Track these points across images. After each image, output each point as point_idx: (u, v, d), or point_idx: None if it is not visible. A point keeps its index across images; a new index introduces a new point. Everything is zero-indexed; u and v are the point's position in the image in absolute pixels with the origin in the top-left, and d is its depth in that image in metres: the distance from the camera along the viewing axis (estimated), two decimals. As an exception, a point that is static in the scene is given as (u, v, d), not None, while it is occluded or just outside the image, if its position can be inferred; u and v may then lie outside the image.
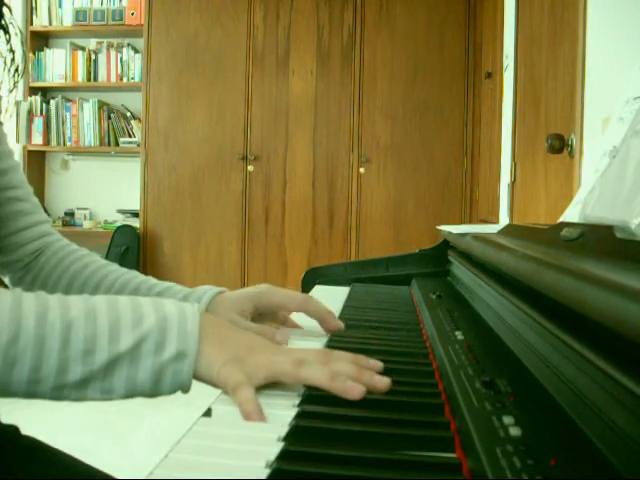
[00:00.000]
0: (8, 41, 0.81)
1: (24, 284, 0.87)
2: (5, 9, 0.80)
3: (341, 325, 0.77)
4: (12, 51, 0.82)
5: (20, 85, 4.27)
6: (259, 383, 0.53)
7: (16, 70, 0.83)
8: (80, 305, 0.53)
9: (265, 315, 0.81)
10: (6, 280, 0.88)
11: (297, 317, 0.83)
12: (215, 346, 0.55)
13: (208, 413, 0.49)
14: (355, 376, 0.53)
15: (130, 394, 0.53)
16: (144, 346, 0.52)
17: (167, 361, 0.52)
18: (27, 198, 0.88)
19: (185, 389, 0.54)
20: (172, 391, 0.54)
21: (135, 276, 0.85)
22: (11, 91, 0.82)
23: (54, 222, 4.26)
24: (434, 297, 0.94)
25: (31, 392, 0.51)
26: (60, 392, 0.51)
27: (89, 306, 0.53)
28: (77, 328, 0.51)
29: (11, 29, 0.81)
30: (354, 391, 0.50)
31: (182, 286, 0.83)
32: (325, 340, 0.73)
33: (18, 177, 0.86)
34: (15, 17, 0.81)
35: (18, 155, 4.23)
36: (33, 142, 4.25)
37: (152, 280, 0.84)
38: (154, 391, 0.53)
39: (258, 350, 0.56)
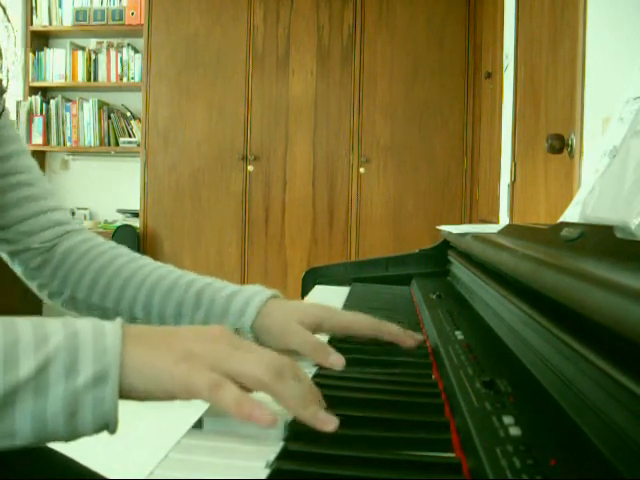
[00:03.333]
0: None
1: (42, 277, 0.80)
2: None
3: (420, 337, 0.69)
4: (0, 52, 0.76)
5: (20, 85, 4.27)
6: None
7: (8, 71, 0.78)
8: None
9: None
10: (18, 272, 0.81)
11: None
12: (152, 349, 0.45)
13: (208, 413, 0.49)
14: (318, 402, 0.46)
15: (40, 436, 0.42)
16: (52, 370, 0.41)
17: (83, 387, 0.42)
18: (34, 183, 0.81)
19: (110, 423, 0.43)
20: (95, 427, 0.43)
21: (170, 271, 0.76)
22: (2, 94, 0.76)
23: (54, 222, 4.26)
24: (434, 297, 0.94)
25: None
26: None
27: None
28: None
29: (2, 29, 0.77)
30: (329, 423, 0.44)
31: (225, 282, 0.74)
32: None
33: (24, 162, 0.80)
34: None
35: (18, 155, 4.23)
36: (33, 142, 4.25)
37: (190, 275, 0.75)
38: (71, 428, 0.42)
39: (214, 339, 0.47)
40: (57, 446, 0.71)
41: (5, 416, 0.40)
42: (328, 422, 0.44)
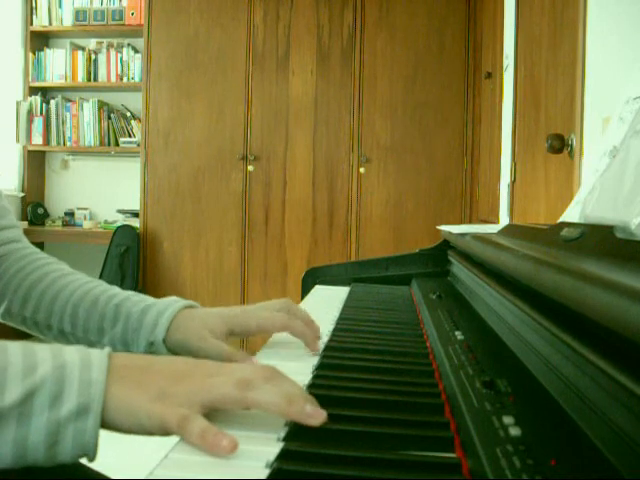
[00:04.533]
0: None
1: None
2: None
3: (316, 348, 0.70)
4: None
5: (20, 85, 4.27)
6: (197, 414, 0.45)
7: None
8: None
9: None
10: None
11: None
12: (132, 387, 0.46)
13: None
14: (303, 399, 0.46)
15: (19, 461, 0.43)
16: (37, 399, 0.43)
17: (66, 418, 0.43)
18: None
19: (90, 453, 0.44)
20: (74, 456, 0.44)
21: (96, 286, 0.79)
22: None
23: (54, 222, 4.26)
24: (434, 297, 0.94)
25: None
26: None
27: None
28: None
29: None
30: (317, 417, 0.45)
31: (144, 296, 0.78)
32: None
33: None
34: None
35: (18, 155, 4.23)
36: (33, 142, 4.25)
37: (113, 290, 0.79)
38: (50, 456, 0.43)
39: (187, 375, 0.48)
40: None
41: None
42: (316, 416, 0.45)
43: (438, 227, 1.28)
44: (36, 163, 4.37)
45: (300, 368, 0.60)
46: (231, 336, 0.72)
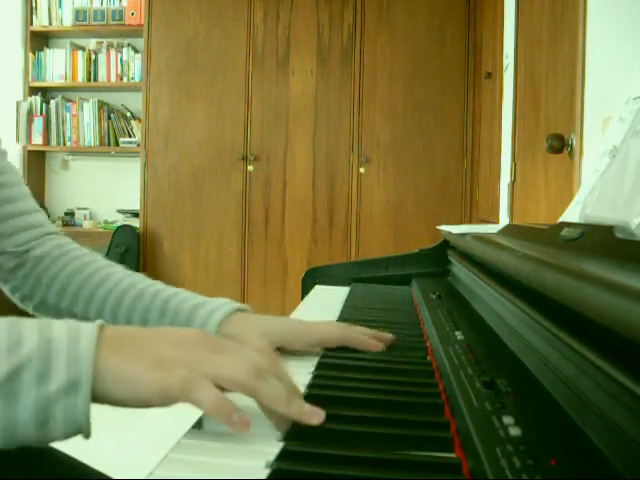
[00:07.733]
0: None
1: (14, 280, 0.80)
2: None
3: (380, 346, 0.67)
4: None
5: (20, 85, 4.27)
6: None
7: None
8: None
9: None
10: None
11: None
12: (125, 355, 0.44)
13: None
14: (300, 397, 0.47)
15: (9, 440, 0.41)
16: (23, 376, 0.41)
17: (55, 395, 0.41)
18: (10, 185, 0.79)
19: (83, 429, 0.43)
20: (67, 434, 0.42)
21: (139, 280, 0.76)
22: None
23: (54, 222, 4.25)
24: (434, 297, 0.94)
25: None
26: None
27: None
28: None
29: None
30: (313, 418, 0.44)
31: (192, 293, 0.75)
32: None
33: (0, 164, 0.78)
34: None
35: (18, 155, 4.23)
36: (33, 142, 4.25)
37: (159, 284, 0.76)
38: (42, 435, 0.42)
39: (190, 344, 0.46)
40: (59, 445, 0.71)
41: None
42: (314, 415, 0.45)
43: (438, 227, 1.28)
44: (36, 163, 4.37)
45: (300, 368, 0.60)
46: (287, 348, 0.67)
